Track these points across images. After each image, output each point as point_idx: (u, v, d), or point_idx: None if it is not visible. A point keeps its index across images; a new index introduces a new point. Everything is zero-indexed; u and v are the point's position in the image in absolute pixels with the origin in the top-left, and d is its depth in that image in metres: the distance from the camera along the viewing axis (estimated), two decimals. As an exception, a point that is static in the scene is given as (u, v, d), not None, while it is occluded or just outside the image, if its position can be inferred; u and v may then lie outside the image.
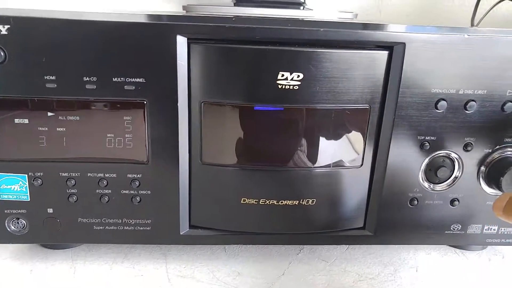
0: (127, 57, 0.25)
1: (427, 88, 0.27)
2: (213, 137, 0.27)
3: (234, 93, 0.26)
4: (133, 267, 0.30)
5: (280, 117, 0.26)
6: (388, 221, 0.30)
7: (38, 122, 0.26)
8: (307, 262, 0.32)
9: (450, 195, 0.30)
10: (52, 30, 0.24)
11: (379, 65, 0.26)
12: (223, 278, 0.29)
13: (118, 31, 0.24)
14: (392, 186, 0.29)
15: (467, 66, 0.26)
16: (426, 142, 0.28)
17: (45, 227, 0.28)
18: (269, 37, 0.25)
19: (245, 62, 0.25)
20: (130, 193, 0.28)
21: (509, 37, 0.26)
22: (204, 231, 0.30)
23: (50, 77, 0.25)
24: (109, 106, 0.26)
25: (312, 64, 0.25)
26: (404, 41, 0.25)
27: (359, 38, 0.25)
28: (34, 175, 0.27)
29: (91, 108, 0.26)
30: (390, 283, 0.30)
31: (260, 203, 0.28)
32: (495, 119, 0.27)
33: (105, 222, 0.28)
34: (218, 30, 0.25)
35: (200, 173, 0.28)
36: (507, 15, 0.65)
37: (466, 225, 0.31)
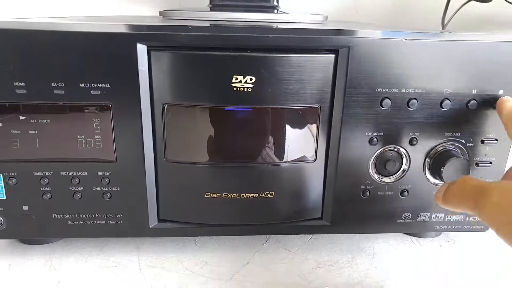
0: (93, 64, 0.27)
1: (372, 88, 0.29)
2: (175, 136, 0.29)
3: (194, 95, 0.28)
4: (107, 259, 0.32)
5: (237, 117, 0.29)
6: (343, 212, 0.32)
7: (10, 125, 0.28)
8: (271, 252, 0.34)
9: (400, 186, 0.32)
10: (20, 40, 0.26)
11: (326, 68, 0.28)
12: (191, 267, 0.32)
13: (83, 40, 0.26)
14: (345, 179, 0.31)
15: (407, 67, 0.28)
16: (374, 138, 0.30)
17: (21, 223, 0.30)
18: (223, 44, 0.27)
19: (201, 67, 0.27)
20: (101, 189, 0.30)
21: (440, 41, 0.28)
22: (172, 224, 0.32)
23: (19, 84, 0.27)
24: (77, 110, 0.28)
25: (263, 68, 0.27)
26: (349, 45, 0.28)
27: (305, 43, 0.28)
28: (9, 175, 0.29)
29: (61, 111, 0.28)
30: (347, 269, 0.32)
31: (222, 197, 0.31)
32: (435, 116, 0.30)
33: (79, 217, 0.30)
34: (174, 38, 0.27)
35: (165, 170, 0.30)
36: (478, 14, 0.68)
37: (416, 214, 0.33)
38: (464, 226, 0.34)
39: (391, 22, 0.70)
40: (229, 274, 0.31)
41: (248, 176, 0.30)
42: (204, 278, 0.30)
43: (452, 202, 0.24)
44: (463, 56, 0.29)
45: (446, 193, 0.25)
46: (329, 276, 0.31)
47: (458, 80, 0.29)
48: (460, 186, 0.24)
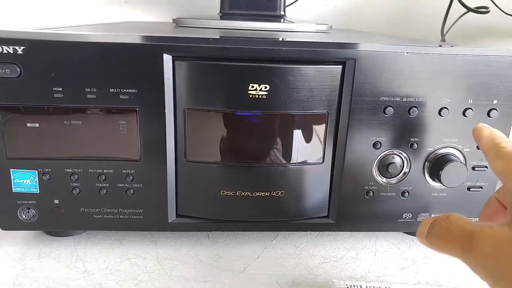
0: (122, 71, 0.29)
1: (376, 96, 0.31)
2: (195, 138, 0.32)
3: (213, 101, 0.31)
4: (128, 251, 0.35)
5: (252, 121, 0.31)
6: (348, 211, 0.35)
7: (47, 125, 0.30)
8: (280, 248, 0.36)
9: (401, 187, 0.34)
10: (59, 50, 0.29)
11: (334, 78, 0.31)
12: (206, 260, 0.34)
13: (114, 50, 0.29)
14: (350, 180, 0.34)
15: (408, 78, 0.31)
16: (378, 142, 0.33)
17: (51, 215, 0.33)
18: (241, 55, 0.30)
19: (221, 75, 0.30)
20: (125, 186, 0.32)
21: (438, 54, 0.31)
22: (189, 219, 0.34)
23: (57, 89, 0.30)
24: (107, 112, 0.30)
25: (277, 77, 0.30)
26: (355, 57, 0.30)
27: (316, 55, 0.30)
28: (43, 171, 0.31)
29: (92, 114, 0.30)
30: (351, 264, 0.34)
31: (236, 195, 0.33)
32: (434, 123, 0.32)
33: (103, 212, 0.33)
34: (197, 49, 0.30)
35: (185, 169, 0.33)
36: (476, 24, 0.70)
37: (416, 214, 0.35)
38: (461, 226, 0.36)
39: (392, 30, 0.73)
40: (242, 267, 0.33)
41: (260, 176, 0.33)
42: (219, 270, 0.33)
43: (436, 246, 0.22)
44: (459, 68, 0.31)
45: (430, 234, 0.22)
46: (335, 270, 0.33)
47: (455, 90, 0.32)
48: (446, 229, 0.21)
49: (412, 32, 0.72)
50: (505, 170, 0.23)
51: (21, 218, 0.32)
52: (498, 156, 0.24)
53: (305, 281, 0.32)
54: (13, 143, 0.30)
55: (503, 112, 0.33)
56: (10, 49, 0.28)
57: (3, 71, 0.29)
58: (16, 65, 0.29)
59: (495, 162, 0.24)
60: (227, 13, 0.58)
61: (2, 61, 0.28)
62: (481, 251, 0.19)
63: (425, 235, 0.22)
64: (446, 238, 0.21)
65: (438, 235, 0.22)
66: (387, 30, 0.73)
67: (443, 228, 0.21)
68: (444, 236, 0.21)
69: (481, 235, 0.20)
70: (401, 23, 0.73)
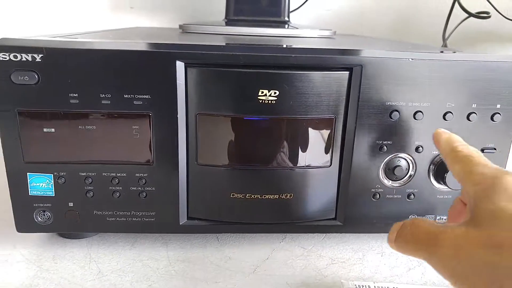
0: (136, 78, 0.30)
1: (382, 101, 0.32)
2: (206, 143, 0.33)
3: (224, 106, 0.32)
4: (139, 253, 0.35)
5: (261, 126, 0.32)
6: (355, 213, 0.35)
7: (62, 130, 0.31)
8: (288, 249, 0.37)
9: (407, 190, 0.35)
10: (75, 57, 0.30)
11: (341, 83, 0.32)
12: (216, 262, 0.35)
13: (129, 58, 0.30)
14: (357, 183, 0.34)
15: (413, 84, 0.32)
16: (384, 146, 0.34)
17: (66, 218, 0.33)
18: (251, 62, 0.31)
19: (232, 81, 0.31)
20: (138, 189, 0.33)
21: (443, 61, 0.32)
22: (200, 221, 0.35)
23: (73, 95, 0.30)
24: (121, 118, 0.31)
25: (286, 83, 0.31)
26: (361, 64, 0.31)
27: (324, 62, 0.31)
28: (58, 175, 0.32)
29: (106, 119, 0.31)
30: (358, 265, 0.35)
31: (246, 197, 0.34)
32: (439, 127, 0.33)
33: (116, 214, 0.34)
34: (209, 56, 0.30)
35: (196, 173, 0.33)
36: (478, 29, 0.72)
37: (421, 216, 0.36)
38: (466, 228, 0.37)
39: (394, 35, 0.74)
40: (252, 268, 0.34)
41: (269, 179, 0.34)
42: (229, 271, 0.33)
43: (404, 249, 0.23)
44: (463, 73, 0.32)
45: (398, 238, 0.23)
46: (342, 271, 0.34)
47: (459, 95, 0.32)
48: (411, 233, 0.22)
49: (413, 37, 0.74)
50: (462, 172, 0.24)
51: (37, 220, 0.33)
52: (455, 159, 0.25)
53: (314, 282, 0.32)
54: (30, 148, 0.31)
55: (506, 116, 0.33)
56: (29, 57, 0.29)
57: (22, 78, 0.29)
58: (35, 72, 0.30)
59: (453, 165, 0.25)
60: (232, 19, 0.59)
61: (21, 68, 0.29)
62: (443, 252, 0.20)
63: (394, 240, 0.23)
64: (412, 241, 0.22)
65: (405, 239, 0.22)
66: (388, 35, 0.74)
67: (409, 232, 0.22)
68: (410, 239, 0.22)
69: (442, 237, 0.20)
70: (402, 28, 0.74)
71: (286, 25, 0.58)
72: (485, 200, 0.20)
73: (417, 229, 0.22)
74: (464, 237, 0.20)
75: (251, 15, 0.58)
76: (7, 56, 0.29)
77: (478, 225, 0.20)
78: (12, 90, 0.30)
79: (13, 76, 0.29)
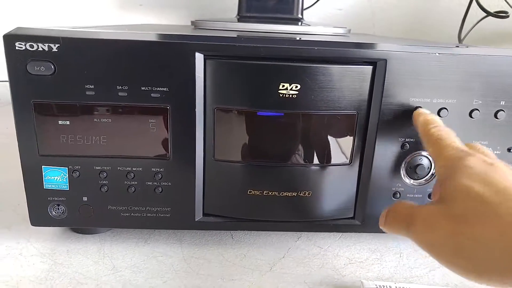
0: (154, 69, 0.30)
1: (406, 97, 0.31)
2: (224, 138, 0.32)
3: (243, 100, 0.31)
4: (153, 249, 0.35)
5: (281, 121, 0.31)
6: (374, 212, 0.34)
7: (78, 123, 0.31)
8: (304, 248, 0.36)
9: (428, 189, 0.34)
10: (92, 48, 0.29)
11: (365, 78, 0.31)
12: (231, 259, 0.34)
13: (146, 48, 0.29)
14: (377, 181, 0.33)
15: (439, 79, 0.31)
16: (406, 143, 0.33)
17: (80, 213, 0.33)
18: (272, 54, 0.30)
19: (252, 74, 0.30)
20: (153, 184, 0.33)
21: (471, 55, 0.31)
22: (215, 218, 0.34)
23: (89, 86, 0.30)
24: (137, 111, 0.31)
25: (308, 76, 0.30)
26: (386, 58, 0.30)
27: (347, 55, 0.30)
28: (73, 168, 0.32)
29: (123, 112, 0.31)
30: (377, 265, 0.34)
31: (264, 194, 0.33)
32: (464, 124, 0.32)
33: (131, 210, 0.33)
34: (229, 48, 0.30)
35: (213, 168, 0.33)
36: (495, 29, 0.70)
37: (442, 216, 0.35)
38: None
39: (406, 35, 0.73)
40: (268, 266, 0.33)
41: (288, 176, 0.33)
42: (245, 269, 0.33)
43: (390, 228, 0.26)
44: (491, 69, 0.31)
45: (385, 219, 0.26)
46: (361, 271, 0.33)
47: (487, 92, 0.31)
48: (394, 212, 0.26)
49: (427, 37, 0.72)
50: (433, 155, 0.27)
51: (51, 214, 0.33)
52: (429, 142, 0.27)
53: (333, 281, 0.32)
54: (45, 140, 0.31)
55: (534, 114, 0.32)
56: (46, 47, 0.28)
57: (38, 68, 0.29)
58: (51, 63, 0.29)
59: (428, 148, 0.28)
60: (244, 16, 0.58)
61: (37, 58, 0.29)
62: (417, 228, 0.23)
63: (383, 223, 0.27)
64: (394, 222, 0.26)
65: (390, 221, 0.26)
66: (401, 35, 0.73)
67: (392, 213, 0.26)
68: (392, 220, 0.26)
69: (416, 214, 0.24)
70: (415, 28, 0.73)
71: (299, 22, 0.57)
72: (449, 178, 0.23)
73: (397, 211, 0.25)
74: (432, 212, 0.23)
75: (264, 12, 0.57)
76: (23, 45, 0.28)
77: (444, 201, 0.23)
78: (28, 80, 0.29)
79: (29, 67, 0.29)
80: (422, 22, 0.72)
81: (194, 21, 0.54)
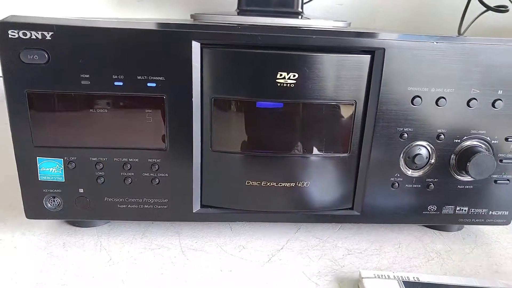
0: (150, 58, 0.29)
1: (404, 87, 0.31)
2: (221, 128, 0.32)
3: (240, 89, 0.31)
4: (151, 242, 0.35)
5: (279, 111, 0.31)
6: (373, 202, 0.34)
7: (73, 113, 0.30)
8: (303, 240, 0.36)
9: (427, 179, 0.34)
10: (87, 36, 0.29)
11: (363, 67, 0.31)
12: (230, 251, 0.34)
13: (142, 37, 0.29)
14: (376, 171, 0.33)
15: (437, 68, 0.31)
16: (405, 133, 0.32)
17: (76, 205, 0.32)
18: (270, 43, 0.29)
19: (249, 63, 0.30)
20: (150, 175, 0.32)
21: (468, 44, 0.30)
22: (213, 209, 0.34)
23: (85, 75, 0.29)
24: (133, 100, 0.30)
25: (306, 65, 0.30)
26: (384, 47, 0.30)
27: (345, 44, 0.30)
28: (68, 159, 0.31)
29: (118, 101, 0.30)
30: (375, 256, 0.34)
31: (262, 185, 0.33)
32: (462, 114, 0.32)
33: (128, 201, 0.33)
34: (227, 36, 0.29)
35: (211, 159, 0.32)
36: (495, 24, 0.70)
37: (440, 206, 0.35)
38: (487, 219, 0.36)
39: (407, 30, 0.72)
40: (266, 257, 0.33)
41: (286, 166, 0.33)
42: (244, 260, 0.33)
43: None
44: (489, 59, 0.31)
45: None
46: (360, 262, 0.33)
47: (485, 81, 0.31)
48: None
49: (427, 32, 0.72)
50: None
51: (47, 207, 0.32)
52: None
53: (331, 272, 0.32)
54: (39, 131, 0.30)
55: (531, 103, 0.32)
56: (39, 35, 0.28)
57: (31, 57, 0.28)
58: (44, 51, 0.28)
59: None
60: (244, 10, 0.57)
61: (30, 46, 0.28)
62: None
63: None
64: None
65: None
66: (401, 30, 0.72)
67: None
68: None
69: None
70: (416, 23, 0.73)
71: (299, 16, 0.57)
72: None
73: None
74: None
75: (264, 6, 0.57)
76: (16, 33, 0.28)
77: None
78: (21, 70, 0.29)
79: (22, 55, 0.28)
80: (423, 17, 0.72)
81: (193, 15, 0.53)
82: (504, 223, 0.36)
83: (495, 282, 0.29)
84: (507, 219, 0.36)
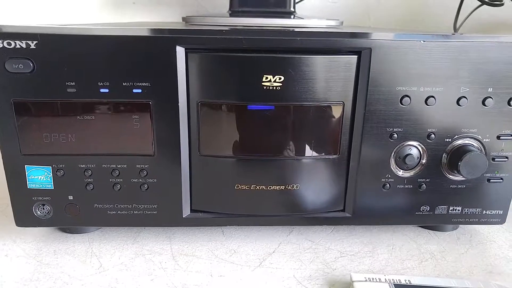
0: (135, 64, 0.29)
1: (392, 86, 0.31)
2: (209, 132, 0.31)
3: (226, 93, 0.30)
4: (142, 247, 0.35)
5: (266, 114, 0.31)
6: (364, 204, 0.34)
7: (60, 121, 0.30)
8: (295, 242, 0.36)
9: (418, 180, 0.34)
10: (71, 44, 0.29)
11: (350, 68, 0.30)
12: (221, 255, 0.34)
13: (126, 43, 0.29)
14: (366, 173, 0.33)
15: (425, 67, 0.30)
16: (394, 133, 0.32)
17: (66, 212, 0.32)
18: (255, 46, 0.29)
19: (234, 67, 0.30)
20: (139, 181, 0.32)
21: (456, 42, 0.30)
22: (203, 214, 0.34)
23: (70, 83, 0.29)
24: (120, 107, 0.30)
25: (291, 68, 0.29)
26: (370, 47, 0.30)
27: (331, 45, 0.30)
28: (57, 167, 0.31)
29: (105, 108, 0.30)
30: (368, 258, 0.34)
31: (251, 189, 0.33)
32: (452, 113, 0.32)
33: (118, 207, 0.33)
34: (210, 41, 0.29)
35: (199, 164, 0.32)
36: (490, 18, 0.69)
37: (433, 207, 0.35)
38: (481, 219, 0.35)
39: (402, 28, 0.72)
40: (258, 261, 0.33)
41: (275, 169, 0.32)
42: (235, 265, 0.32)
43: None
44: (478, 56, 0.30)
45: None
46: (352, 264, 0.33)
47: (474, 79, 0.31)
48: None
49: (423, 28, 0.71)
50: None
51: (36, 214, 0.32)
52: None
53: (322, 275, 0.31)
54: (27, 139, 0.30)
55: (523, 100, 0.32)
56: (23, 44, 0.28)
57: (16, 66, 0.28)
58: (29, 60, 0.28)
59: None
60: (236, 11, 0.57)
61: (15, 56, 0.28)
62: None
63: None
64: None
65: None
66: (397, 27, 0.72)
67: None
68: None
69: None
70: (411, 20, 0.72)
71: (292, 15, 0.56)
72: None
73: None
74: None
75: (256, 6, 0.56)
76: (0, 43, 0.28)
77: None
78: (7, 79, 0.29)
79: (7, 65, 0.28)
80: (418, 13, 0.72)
81: (185, 17, 0.54)
82: (499, 222, 0.35)
83: (489, 283, 0.29)
84: (502, 218, 0.35)
